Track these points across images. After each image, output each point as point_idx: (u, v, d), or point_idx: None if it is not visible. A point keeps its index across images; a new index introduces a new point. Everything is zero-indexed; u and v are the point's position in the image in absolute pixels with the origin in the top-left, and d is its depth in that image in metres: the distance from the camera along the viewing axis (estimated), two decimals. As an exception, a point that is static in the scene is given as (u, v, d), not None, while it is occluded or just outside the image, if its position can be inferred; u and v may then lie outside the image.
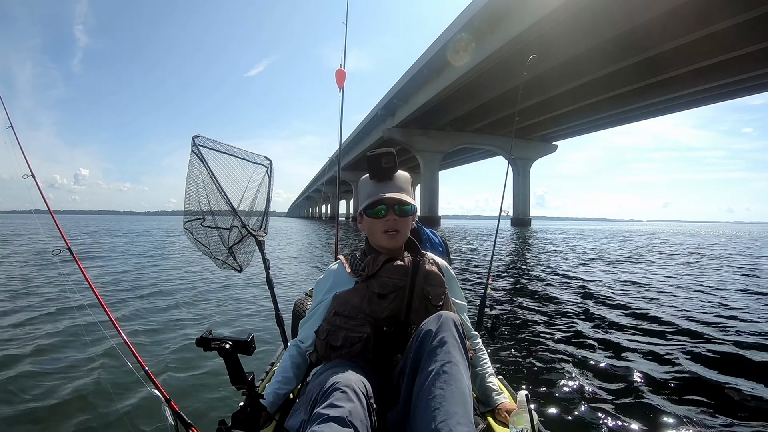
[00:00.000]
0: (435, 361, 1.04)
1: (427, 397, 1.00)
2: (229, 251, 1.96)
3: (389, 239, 1.31)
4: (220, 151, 1.93)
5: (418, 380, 1.05)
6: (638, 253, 13.49)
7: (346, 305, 1.25)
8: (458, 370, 1.03)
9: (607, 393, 2.58)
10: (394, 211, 1.30)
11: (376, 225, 1.32)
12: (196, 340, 0.97)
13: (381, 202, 1.30)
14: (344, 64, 2.95)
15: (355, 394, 0.98)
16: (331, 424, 0.91)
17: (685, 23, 16.73)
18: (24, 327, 3.96)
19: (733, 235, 35.08)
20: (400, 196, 1.30)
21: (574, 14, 17.85)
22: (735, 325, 4.21)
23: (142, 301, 5.32)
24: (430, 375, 1.02)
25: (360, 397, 0.99)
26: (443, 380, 1.01)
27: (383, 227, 1.31)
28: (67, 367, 2.96)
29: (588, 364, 3.08)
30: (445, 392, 0.99)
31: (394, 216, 1.30)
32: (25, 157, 1.97)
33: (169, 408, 1.33)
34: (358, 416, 0.95)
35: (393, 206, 1.30)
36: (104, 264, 9.36)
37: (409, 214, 1.34)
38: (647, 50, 19.52)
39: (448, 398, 0.98)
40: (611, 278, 7.67)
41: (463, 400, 1.00)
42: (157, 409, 1.33)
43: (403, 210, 1.31)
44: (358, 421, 0.94)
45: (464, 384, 1.03)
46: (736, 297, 5.89)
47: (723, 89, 25.17)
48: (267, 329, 3.87)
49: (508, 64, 21.83)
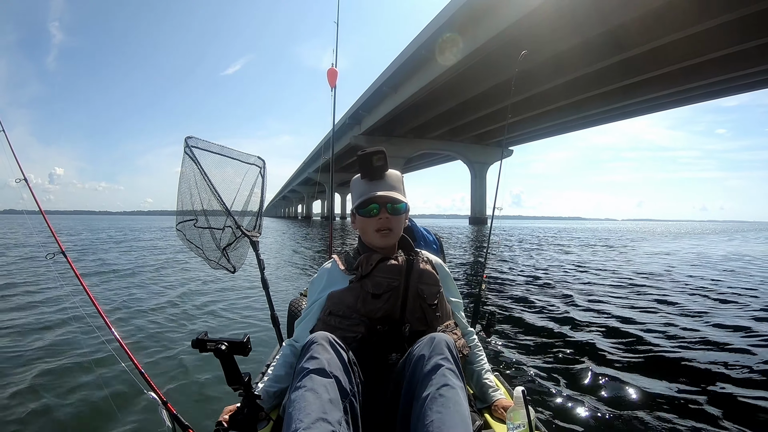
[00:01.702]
0: (430, 385, 0.99)
1: (424, 422, 0.95)
2: (223, 252, 1.95)
3: (382, 238, 1.31)
4: (212, 152, 1.92)
5: (415, 408, 1.00)
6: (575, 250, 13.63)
7: (341, 305, 1.25)
8: (455, 393, 0.98)
9: (603, 388, 2.61)
10: (386, 210, 1.31)
11: (368, 224, 1.32)
12: (191, 342, 0.96)
13: (373, 200, 1.31)
14: (336, 63, 2.95)
15: (330, 345, 1.02)
16: (312, 376, 0.94)
17: (662, 25, 16.86)
18: (18, 330, 3.92)
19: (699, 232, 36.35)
20: (392, 195, 1.30)
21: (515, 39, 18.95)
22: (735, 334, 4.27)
23: (138, 302, 5.28)
24: (426, 400, 0.98)
25: (338, 348, 1.02)
26: (440, 404, 0.96)
27: (376, 226, 1.31)
28: (63, 370, 2.93)
29: (584, 359, 3.11)
30: (444, 416, 0.94)
31: (386, 214, 1.31)
32: (17, 160, 1.95)
33: (166, 410, 1.33)
34: (337, 366, 0.98)
35: (385, 205, 1.31)
36: (98, 266, 9.28)
37: (402, 212, 1.34)
38: (620, 53, 19.71)
39: (447, 422, 0.93)
40: (603, 275, 7.75)
41: (463, 422, 0.95)
42: (154, 411, 1.33)
43: (395, 208, 1.31)
44: (338, 371, 0.97)
45: (463, 407, 0.98)
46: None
47: (699, 91, 25.32)
48: (263, 330, 3.86)
49: (460, 80, 25.33)
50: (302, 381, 0.94)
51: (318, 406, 0.89)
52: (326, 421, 0.88)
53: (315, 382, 0.93)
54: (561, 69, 21.80)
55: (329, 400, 0.91)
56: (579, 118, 33.35)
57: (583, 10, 16.78)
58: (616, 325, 4.05)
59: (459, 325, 1.40)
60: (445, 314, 1.33)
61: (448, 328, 1.31)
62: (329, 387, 0.94)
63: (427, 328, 1.26)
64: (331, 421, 0.88)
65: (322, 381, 0.94)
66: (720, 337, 3.63)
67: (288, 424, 0.89)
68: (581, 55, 20.03)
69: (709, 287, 6.33)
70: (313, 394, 0.91)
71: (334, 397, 0.93)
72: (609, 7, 16.28)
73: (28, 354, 3.28)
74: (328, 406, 0.90)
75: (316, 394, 0.91)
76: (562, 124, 36.98)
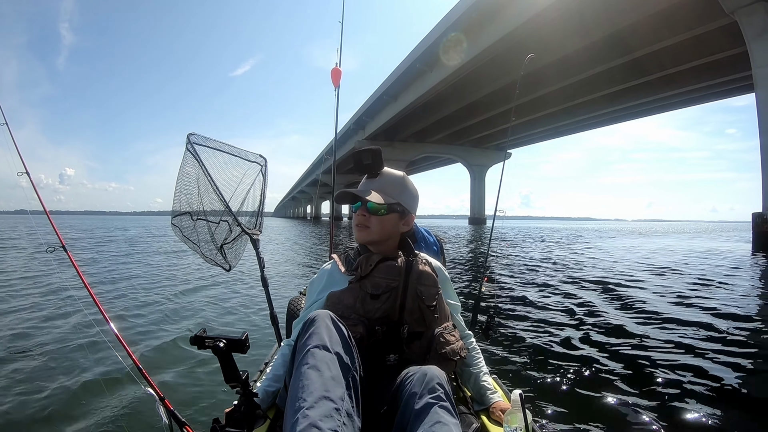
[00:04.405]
0: (423, 423, 0.97)
1: None
2: (220, 249, 1.94)
3: (358, 232, 1.35)
4: (214, 149, 1.92)
5: None
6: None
7: (340, 305, 1.25)
8: (449, 429, 0.97)
9: (601, 391, 2.59)
10: (365, 207, 1.33)
11: (354, 217, 1.36)
12: (190, 339, 0.97)
13: (354, 195, 1.34)
14: (340, 63, 2.94)
15: (331, 321, 1.03)
16: (314, 351, 0.95)
17: (670, 26, 16.86)
18: (16, 325, 3.93)
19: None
20: (372, 195, 1.31)
21: (520, 42, 18.98)
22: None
23: (136, 298, 5.30)
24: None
25: (337, 324, 1.04)
26: None
27: (356, 220, 1.35)
28: (60, 364, 2.94)
29: (582, 362, 3.09)
30: None
31: (365, 212, 1.33)
32: (20, 154, 1.95)
33: (163, 406, 1.33)
34: (337, 342, 0.99)
35: (366, 202, 1.32)
36: (98, 262, 9.29)
37: (376, 213, 1.32)
38: (627, 54, 19.75)
39: None
40: (603, 278, 7.73)
41: None
42: (151, 407, 1.33)
43: (371, 207, 1.32)
44: (338, 347, 0.98)
45: None
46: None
47: (708, 91, 25.39)
48: (261, 328, 3.86)
49: (462, 85, 26.32)
50: (305, 357, 0.95)
51: (320, 384, 0.91)
52: (329, 399, 0.89)
53: (317, 358, 0.95)
54: (566, 71, 21.87)
55: (331, 377, 0.93)
56: (583, 119, 33.98)
57: (590, 12, 16.79)
58: (617, 327, 4.04)
59: (457, 327, 1.40)
60: (443, 316, 1.33)
61: (446, 329, 1.31)
62: (331, 363, 0.95)
63: (425, 329, 1.26)
64: (333, 398, 0.90)
65: (324, 357, 0.95)
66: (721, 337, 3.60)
67: (292, 403, 0.90)
68: (587, 56, 20.01)
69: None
70: (315, 372, 0.92)
71: (336, 374, 0.94)
72: (616, 8, 16.27)
73: (25, 347, 3.29)
74: (330, 384, 0.92)
75: (318, 372, 0.92)
76: (565, 126, 37.60)
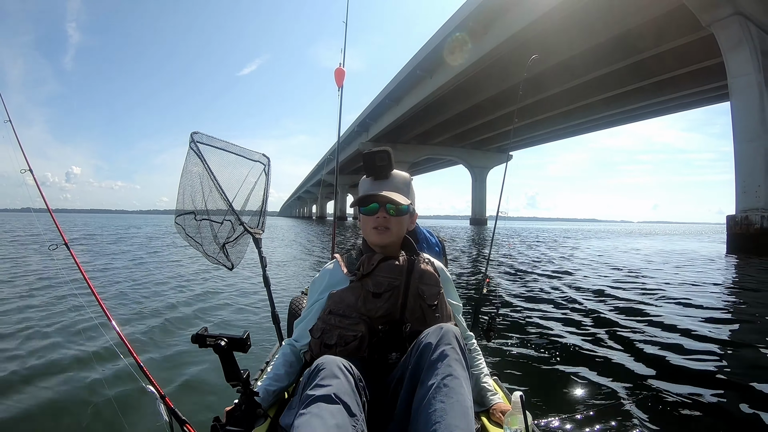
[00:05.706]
0: (435, 374, 1.03)
1: (427, 410, 0.99)
2: (222, 248, 1.95)
3: (377, 234, 1.32)
4: (217, 148, 1.92)
5: (418, 394, 1.04)
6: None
7: (341, 304, 1.25)
8: (459, 383, 1.02)
9: (602, 393, 2.58)
10: (385, 210, 1.32)
11: (367, 221, 1.34)
12: (191, 337, 0.97)
13: (373, 199, 1.32)
14: (343, 63, 2.94)
15: (340, 370, 1.01)
16: (319, 403, 0.93)
17: (677, 27, 16.80)
18: (18, 322, 3.94)
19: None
20: (393, 195, 1.31)
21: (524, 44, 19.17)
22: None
23: (138, 297, 5.30)
24: (430, 389, 1.01)
25: (345, 373, 1.01)
26: (444, 393, 1.00)
27: (373, 224, 1.32)
28: (62, 362, 2.94)
29: (583, 364, 3.08)
30: (446, 405, 0.98)
31: (385, 214, 1.32)
32: (23, 151, 1.96)
33: (164, 404, 1.33)
34: (345, 392, 0.97)
35: (385, 204, 1.31)
36: (101, 260, 9.32)
37: (402, 213, 1.34)
38: (633, 55, 19.71)
39: (449, 412, 0.97)
40: (603, 279, 7.71)
41: (464, 413, 0.99)
42: (151, 405, 1.33)
43: (397, 209, 1.32)
44: (346, 396, 0.96)
45: (465, 398, 1.02)
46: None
47: (713, 93, 25.24)
48: (263, 327, 3.86)
49: (463, 88, 27.11)
50: (308, 408, 0.93)
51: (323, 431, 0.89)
52: None
53: (321, 408, 0.92)
54: (569, 73, 21.94)
55: (335, 425, 0.91)
56: (585, 122, 34.12)
57: (595, 13, 16.75)
58: (619, 330, 4.02)
59: (458, 328, 1.40)
60: (445, 316, 1.33)
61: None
62: (336, 413, 0.93)
63: (427, 328, 1.26)
64: None
65: (328, 408, 0.93)
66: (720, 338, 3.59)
67: None
68: (592, 58, 20.03)
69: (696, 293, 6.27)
70: (318, 420, 0.90)
71: (341, 422, 0.92)
72: (621, 10, 16.23)
73: (27, 344, 3.29)
74: (334, 431, 0.90)
75: (322, 420, 0.90)
76: (567, 128, 37.98)
